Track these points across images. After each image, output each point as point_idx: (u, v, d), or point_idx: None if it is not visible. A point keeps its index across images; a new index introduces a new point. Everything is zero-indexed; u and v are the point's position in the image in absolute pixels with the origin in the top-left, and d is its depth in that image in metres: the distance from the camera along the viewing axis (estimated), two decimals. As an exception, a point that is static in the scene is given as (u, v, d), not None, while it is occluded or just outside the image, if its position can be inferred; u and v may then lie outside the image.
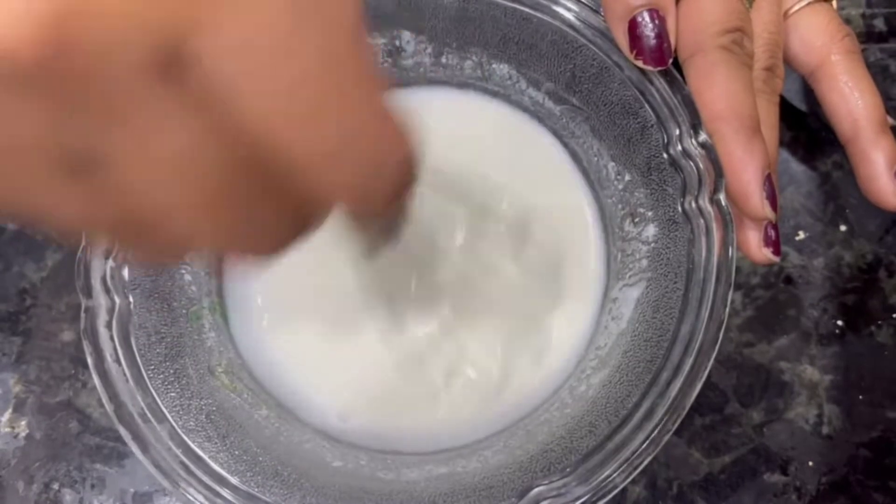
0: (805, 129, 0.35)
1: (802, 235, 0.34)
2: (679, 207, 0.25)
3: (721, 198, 0.24)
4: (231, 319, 0.29)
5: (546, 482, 0.23)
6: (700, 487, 0.31)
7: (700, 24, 0.25)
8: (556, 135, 0.30)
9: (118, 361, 0.24)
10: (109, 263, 0.25)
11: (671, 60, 0.25)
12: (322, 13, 0.12)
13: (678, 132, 0.25)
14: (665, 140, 0.25)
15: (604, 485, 0.23)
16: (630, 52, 0.24)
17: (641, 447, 0.23)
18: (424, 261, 0.29)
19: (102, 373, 0.24)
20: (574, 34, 0.26)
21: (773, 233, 0.26)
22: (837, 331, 0.33)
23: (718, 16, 0.25)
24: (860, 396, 0.32)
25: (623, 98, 0.26)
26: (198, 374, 0.26)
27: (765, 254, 0.26)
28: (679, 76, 0.25)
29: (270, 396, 0.28)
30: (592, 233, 0.30)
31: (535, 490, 0.23)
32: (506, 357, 0.28)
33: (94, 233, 0.14)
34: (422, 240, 0.28)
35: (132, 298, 0.25)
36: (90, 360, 0.24)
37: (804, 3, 0.30)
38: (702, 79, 0.25)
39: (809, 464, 0.31)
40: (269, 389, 0.28)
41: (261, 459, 0.25)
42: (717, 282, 0.24)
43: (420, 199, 0.29)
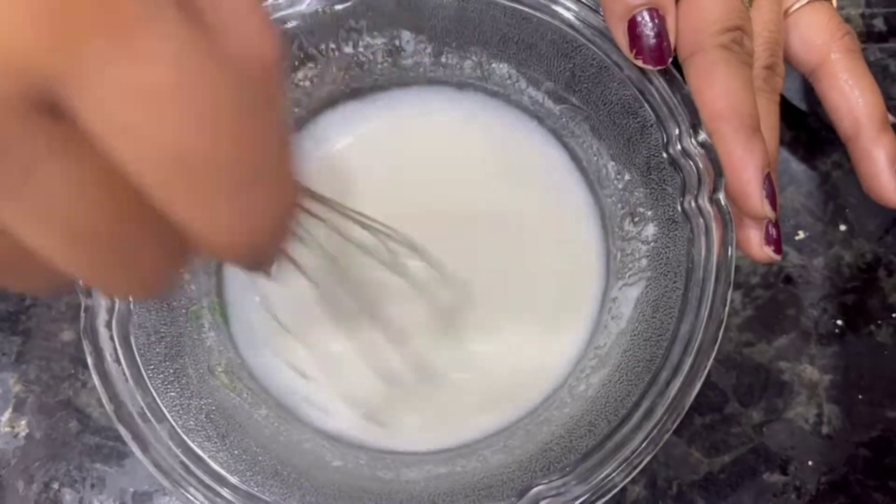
0: (805, 129, 0.35)
1: (802, 235, 0.34)
2: (678, 207, 0.25)
3: (720, 197, 0.24)
4: (231, 319, 0.29)
5: (546, 481, 0.23)
6: (700, 487, 0.31)
7: (700, 23, 0.25)
8: (556, 134, 0.30)
9: (118, 361, 0.24)
10: (109, 263, 0.24)
11: (671, 60, 0.25)
12: (210, 71, 0.11)
13: (678, 131, 0.25)
14: (665, 139, 0.25)
15: (603, 484, 0.23)
16: (630, 52, 0.24)
17: (641, 446, 0.23)
18: (424, 260, 0.29)
19: (102, 372, 0.24)
20: (573, 34, 0.26)
21: (775, 231, 0.26)
22: (837, 330, 0.33)
23: (718, 14, 0.25)
24: (860, 396, 0.32)
25: (622, 97, 0.26)
26: (197, 374, 0.26)
27: (766, 252, 0.26)
28: (679, 75, 0.25)
29: (270, 396, 0.28)
30: (592, 232, 0.30)
31: (535, 489, 0.23)
32: (505, 356, 0.28)
33: None
34: (420, 239, 0.28)
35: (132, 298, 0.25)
36: (90, 360, 0.24)
37: (804, 2, 0.30)
38: (702, 78, 0.25)
39: (809, 463, 0.31)
40: (269, 389, 0.28)
41: (260, 459, 0.25)
42: (717, 281, 0.24)
43: (418, 200, 0.30)
